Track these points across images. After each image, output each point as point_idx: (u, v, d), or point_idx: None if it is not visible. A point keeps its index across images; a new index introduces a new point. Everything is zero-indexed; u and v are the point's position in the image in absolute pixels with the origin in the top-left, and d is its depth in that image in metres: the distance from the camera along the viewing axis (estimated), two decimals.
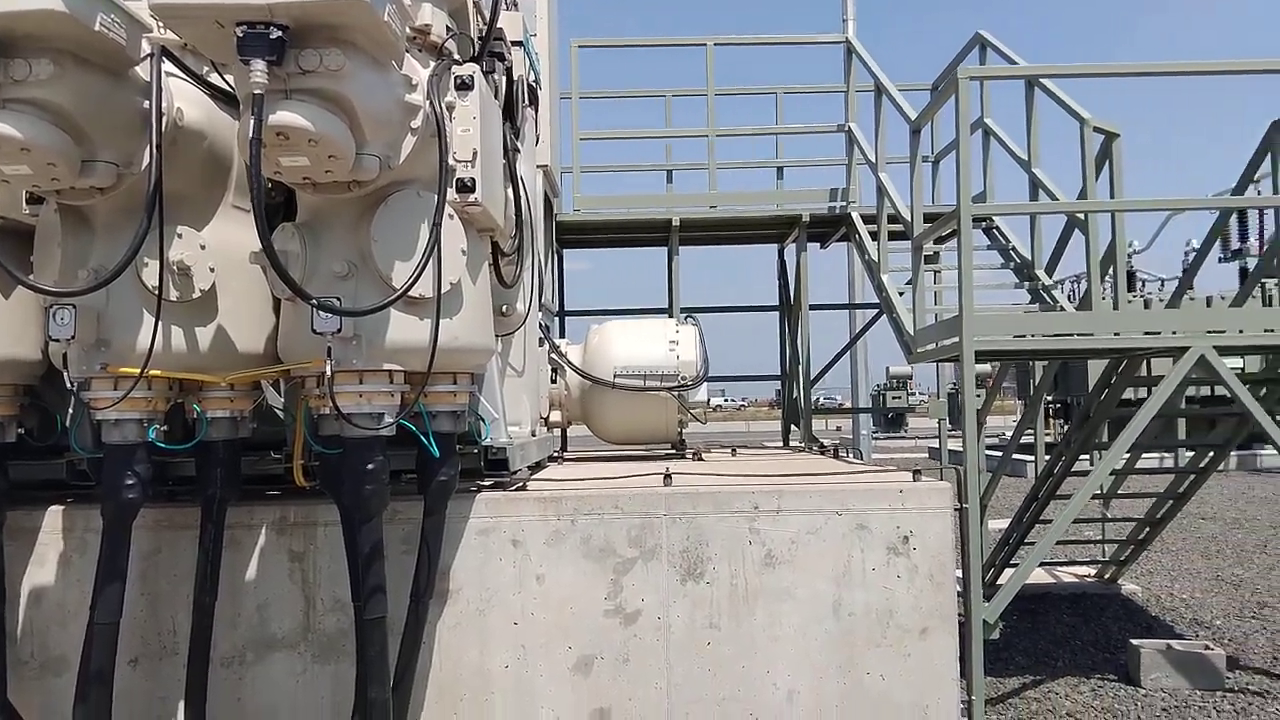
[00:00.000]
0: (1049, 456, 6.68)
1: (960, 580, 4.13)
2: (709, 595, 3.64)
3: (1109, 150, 5.21)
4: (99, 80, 2.72)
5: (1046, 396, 13.30)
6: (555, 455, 6.13)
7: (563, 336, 7.26)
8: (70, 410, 3.42)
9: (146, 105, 2.80)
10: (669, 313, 7.56)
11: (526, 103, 4.28)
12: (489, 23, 3.35)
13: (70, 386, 3.11)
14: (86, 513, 3.56)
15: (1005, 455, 7.29)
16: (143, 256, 2.92)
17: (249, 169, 2.48)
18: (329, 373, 2.86)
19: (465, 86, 3.05)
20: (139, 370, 2.97)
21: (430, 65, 2.99)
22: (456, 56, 3.18)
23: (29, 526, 3.60)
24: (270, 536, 3.60)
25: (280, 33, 2.45)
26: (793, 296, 8.06)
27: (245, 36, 2.43)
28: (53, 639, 3.57)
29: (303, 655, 3.58)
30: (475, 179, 3.05)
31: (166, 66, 2.89)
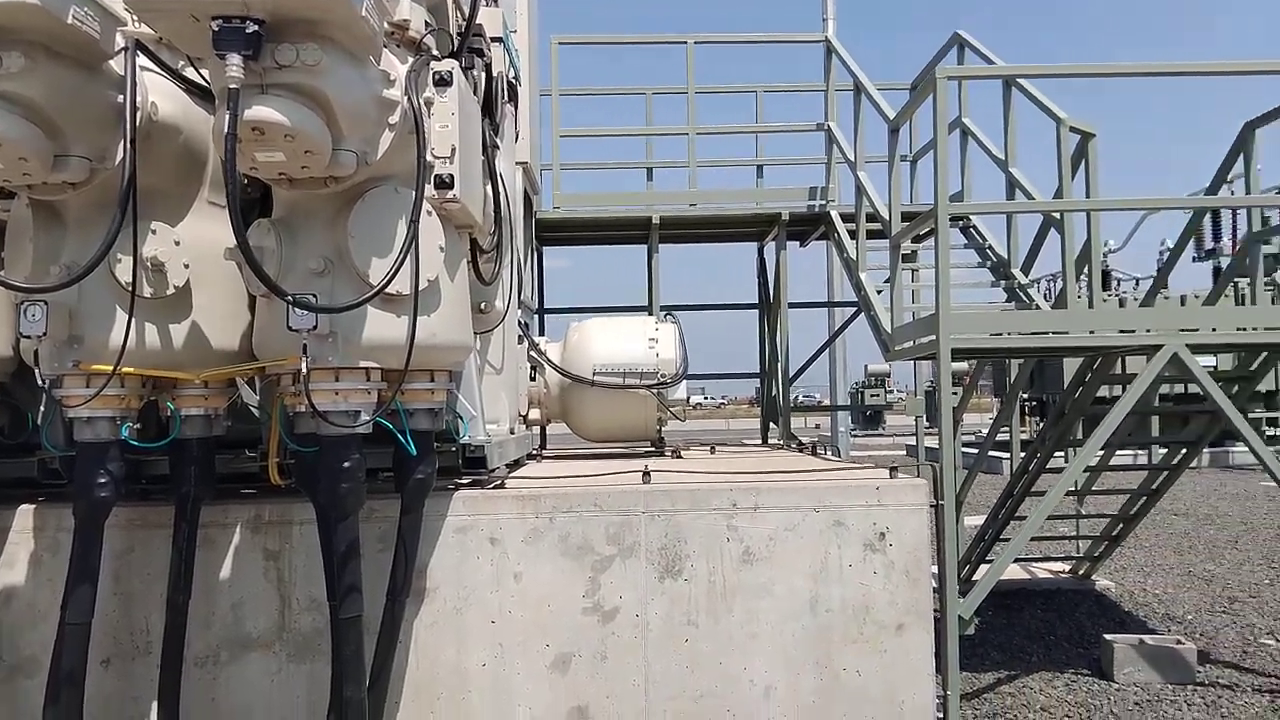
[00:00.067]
0: (1024, 453, 6.73)
1: (936, 576, 4.16)
2: (687, 592, 3.65)
3: (1085, 150, 5.25)
4: (72, 74, 2.69)
5: (1022, 394, 13.41)
6: (534, 453, 6.13)
7: (542, 334, 7.24)
8: (42, 408, 3.39)
9: (120, 99, 2.77)
10: (649, 310, 7.55)
11: (506, 99, 4.27)
12: (468, 19, 3.34)
13: (42, 384, 3.08)
14: (58, 511, 3.52)
15: (981, 452, 7.34)
16: (116, 252, 2.89)
17: (224, 164, 2.47)
18: (304, 370, 2.84)
19: (444, 82, 3.04)
20: (112, 367, 2.94)
21: (409, 61, 2.97)
22: (435, 52, 3.17)
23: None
24: (245, 535, 3.58)
25: (256, 27, 2.43)
26: (772, 294, 8.08)
27: (221, 31, 2.41)
28: (23, 640, 3.53)
29: (278, 655, 3.55)
30: (454, 175, 3.04)
31: (141, 60, 2.87)
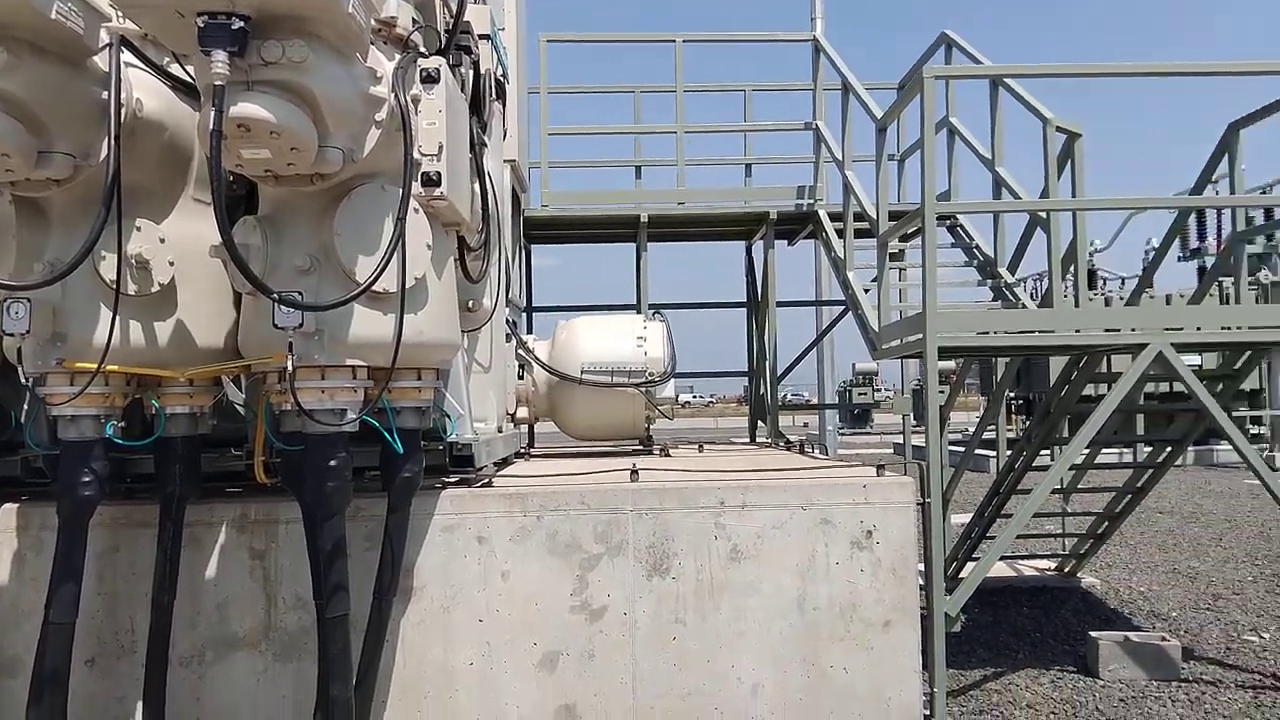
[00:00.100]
0: (1010, 452, 6.76)
1: (923, 574, 4.18)
2: (675, 590, 3.66)
3: (1071, 150, 5.28)
4: (56, 69, 2.68)
5: (1008, 392, 13.48)
6: (522, 451, 6.12)
7: (530, 332, 7.23)
8: (25, 406, 3.36)
9: (105, 96, 2.76)
10: (637, 309, 7.55)
11: (494, 97, 4.26)
12: (456, 16, 3.33)
13: (25, 382, 3.05)
14: (42, 510, 3.50)
15: (968, 450, 7.36)
16: (100, 249, 2.87)
17: (210, 161, 2.46)
18: (290, 368, 2.83)
19: (431, 80, 3.03)
20: (96, 365, 2.92)
21: (396, 58, 2.97)
22: (423, 50, 3.16)
23: None
24: (231, 534, 3.56)
25: (242, 23, 2.42)
26: (760, 293, 8.09)
27: (207, 27, 2.40)
28: (7, 639, 3.50)
29: (264, 654, 3.54)
30: (441, 173, 3.03)
31: (126, 56, 2.85)
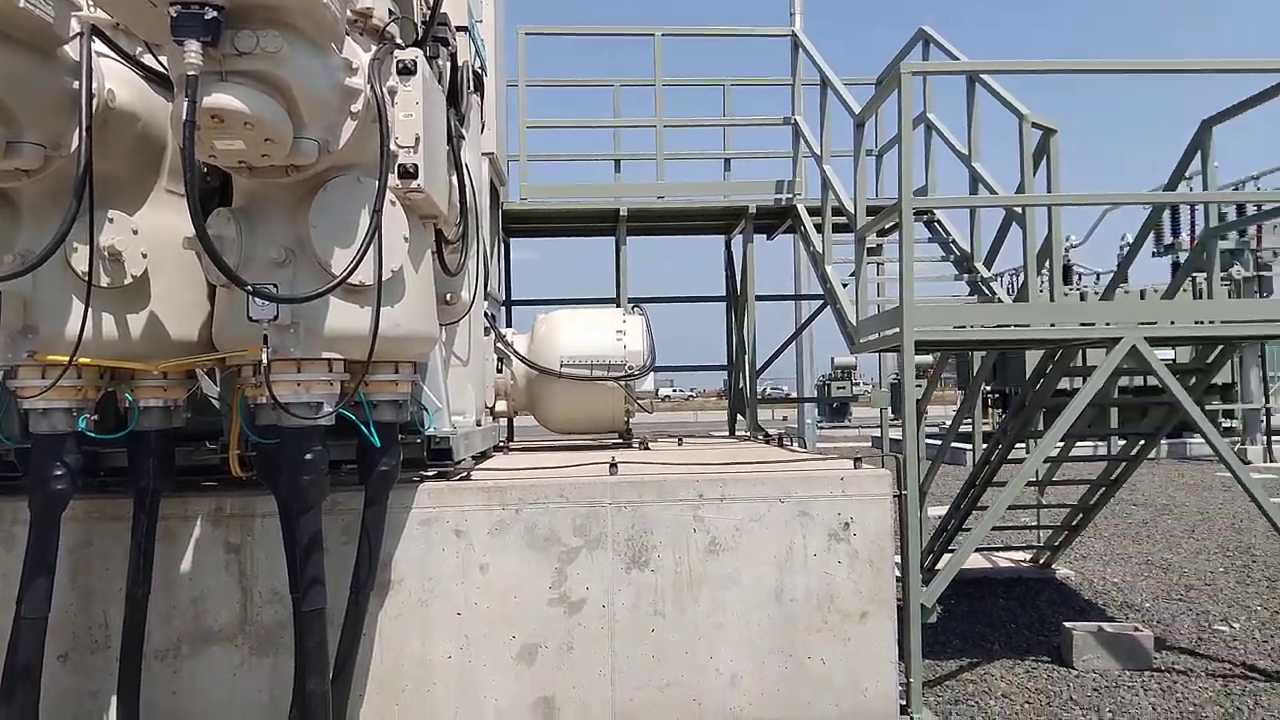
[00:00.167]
0: (986, 445, 6.81)
1: (899, 565, 4.21)
2: (653, 583, 3.67)
3: (1047, 145, 5.32)
4: (24, 59, 2.64)
5: (985, 386, 13.57)
6: (501, 445, 6.11)
7: (509, 326, 7.21)
8: None
9: (76, 85, 2.72)
10: (616, 302, 7.55)
11: (472, 89, 4.24)
12: (433, 7, 3.31)
13: None
14: (14, 504, 3.46)
15: (944, 443, 7.41)
16: (72, 241, 2.84)
17: (183, 152, 2.43)
18: (265, 361, 2.82)
19: (407, 71, 3.01)
20: (68, 358, 2.89)
21: (372, 49, 2.95)
22: (399, 41, 3.14)
23: None
24: (206, 528, 3.54)
25: (216, 13, 2.39)
26: (739, 287, 8.11)
27: (180, 16, 2.37)
28: None
29: (240, 648, 3.52)
30: (417, 165, 3.02)
31: (97, 46, 2.81)
